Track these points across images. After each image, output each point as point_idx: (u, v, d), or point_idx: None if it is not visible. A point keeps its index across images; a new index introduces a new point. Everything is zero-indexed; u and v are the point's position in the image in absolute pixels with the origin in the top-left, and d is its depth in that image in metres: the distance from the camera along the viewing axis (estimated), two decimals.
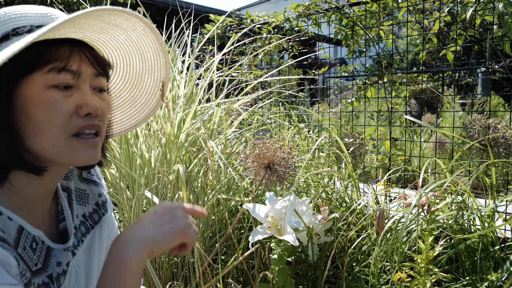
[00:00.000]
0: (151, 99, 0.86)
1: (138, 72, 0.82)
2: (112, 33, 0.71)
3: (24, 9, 0.64)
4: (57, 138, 0.63)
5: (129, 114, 0.87)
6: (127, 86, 0.84)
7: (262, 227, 1.37)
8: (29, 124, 0.62)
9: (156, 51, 0.77)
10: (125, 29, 0.70)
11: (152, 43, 0.75)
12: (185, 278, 1.69)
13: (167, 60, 0.79)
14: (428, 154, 3.71)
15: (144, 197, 1.63)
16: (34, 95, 0.61)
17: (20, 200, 0.65)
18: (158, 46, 0.76)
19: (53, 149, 0.63)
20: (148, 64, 0.80)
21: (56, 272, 0.69)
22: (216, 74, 2.02)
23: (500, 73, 4.64)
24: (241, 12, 3.78)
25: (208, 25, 2.93)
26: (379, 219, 1.36)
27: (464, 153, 2.01)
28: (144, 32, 0.72)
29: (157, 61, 0.79)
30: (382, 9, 2.35)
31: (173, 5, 2.53)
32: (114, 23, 0.68)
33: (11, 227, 0.62)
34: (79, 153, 0.65)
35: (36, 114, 0.61)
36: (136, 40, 0.74)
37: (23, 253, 0.62)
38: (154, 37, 0.74)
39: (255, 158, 1.43)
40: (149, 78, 0.82)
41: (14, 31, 0.62)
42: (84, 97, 0.65)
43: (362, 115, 3.78)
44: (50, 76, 0.62)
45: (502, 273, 1.28)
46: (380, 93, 2.50)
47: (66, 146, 0.64)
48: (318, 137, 2.45)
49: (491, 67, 3.28)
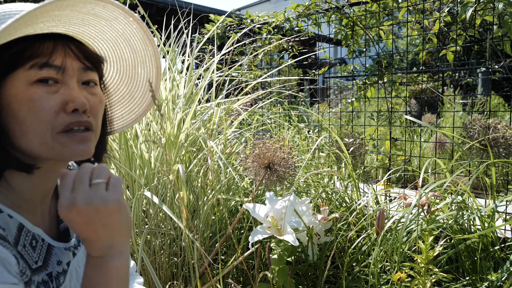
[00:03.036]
0: (147, 91, 0.83)
1: (130, 64, 0.80)
2: (95, 25, 0.68)
3: (25, 4, 0.63)
4: (43, 136, 0.61)
5: (129, 108, 0.86)
6: (123, 79, 0.82)
7: (262, 227, 1.36)
8: (16, 123, 0.61)
9: (142, 40, 0.74)
10: (107, 19, 0.68)
11: (137, 31, 0.72)
12: (185, 278, 1.69)
13: (154, 49, 0.76)
14: (428, 154, 3.71)
15: (144, 197, 1.63)
16: (17, 92, 0.60)
17: (19, 198, 0.65)
18: (143, 34, 0.73)
19: (41, 146, 0.62)
20: (138, 55, 0.77)
21: (56, 270, 0.68)
22: (216, 74, 2.02)
23: (500, 73, 4.64)
24: (241, 12, 3.78)
25: (208, 25, 2.93)
26: (379, 219, 1.36)
27: (464, 153, 2.01)
28: (126, 21, 0.69)
29: (146, 51, 0.77)
30: (382, 9, 2.35)
31: (172, 5, 2.53)
32: (93, 13, 0.65)
33: (12, 224, 0.61)
34: (69, 147, 0.63)
35: (21, 112, 0.60)
36: (122, 30, 0.72)
37: (23, 250, 0.62)
38: (137, 26, 0.71)
39: (255, 158, 1.42)
40: (142, 70, 0.80)
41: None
42: (70, 93, 0.63)
43: (362, 115, 3.78)
44: (33, 72, 0.60)
45: (502, 273, 1.27)
46: (380, 93, 2.50)
47: (53, 142, 0.62)
48: (318, 137, 2.45)
49: (491, 67, 3.28)
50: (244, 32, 2.62)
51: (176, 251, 1.71)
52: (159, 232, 1.67)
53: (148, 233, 1.65)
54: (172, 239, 1.71)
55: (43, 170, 0.66)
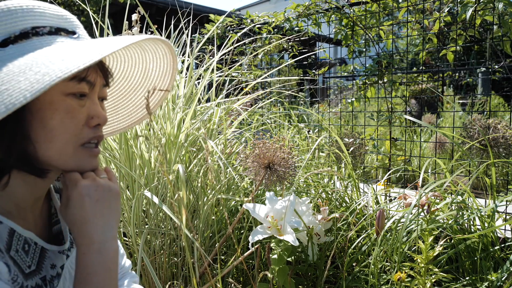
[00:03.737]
0: (135, 112, 0.88)
1: (133, 82, 0.84)
2: (129, 48, 0.74)
3: (41, 6, 0.63)
4: (66, 147, 0.63)
5: (114, 118, 0.89)
6: (113, 95, 0.86)
7: (262, 227, 1.36)
8: (43, 130, 0.61)
9: (163, 72, 0.80)
10: (145, 49, 0.74)
11: (165, 65, 0.78)
12: (185, 278, 1.69)
13: (173, 76, 0.81)
14: (428, 154, 3.71)
15: (144, 197, 1.63)
16: (53, 101, 0.61)
17: (10, 204, 0.65)
18: (169, 68, 0.79)
19: (60, 156, 0.64)
20: (149, 80, 0.82)
21: (50, 274, 0.68)
22: (216, 74, 2.02)
23: (500, 73, 4.64)
24: (241, 12, 3.78)
25: (208, 25, 2.93)
26: (379, 219, 1.36)
27: (464, 153, 2.01)
28: (161, 52, 0.75)
29: (163, 78, 0.82)
30: (382, 9, 2.35)
31: (172, 5, 2.53)
32: (139, 43, 0.71)
33: (2, 230, 0.61)
34: (83, 162, 0.66)
35: (53, 120, 0.61)
36: (151, 58, 0.77)
37: (16, 255, 0.62)
38: (171, 61, 0.77)
39: (255, 158, 1.42)
40: (141, 92, 0.85)
41: (34, 30, 0.60)
42: (95, 108, 0.66)
43: (362, 115, 3.78)
44: (71, 84, 0.62)
45: (502, 273, 1.27)
46: (380, 93, 2.50)
47: (73, 155, 0.65)
48: (318, 137, 2.45)
49: (491, 67, 3.27)
50: (244, 32, 2.62)
51: (176, 251, 1.71)
52: (159, 232, 1.67)
53: (148, 233, 1.65)
54: (172, 239, 1.71)
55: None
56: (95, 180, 0.67)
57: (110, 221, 0.68)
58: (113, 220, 0.68)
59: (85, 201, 0.65)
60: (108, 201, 0.68)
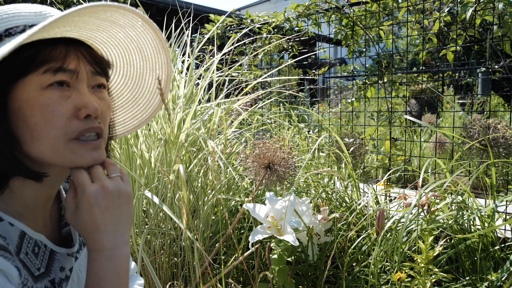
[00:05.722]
0: (153, 98, 0.83)
1: (139, 70, 0.79)
2: (109, 30, 0.68)
3: (17, 8, 0.62)
4: (55, 142, 0.61)
5: (132, 114, 0.85)
6: (128, 85, 0.82)
7: (262, 227, 1.37)
8: (26, 129, 0.60)
9: (156, 48, 0.74)
10: (122, 26, 0.67)
11: (152, 39, 0.72)
12: (185, 278, 1.69)
13: (168, 57, 0.76)
14: (428, 154, 3.71)
15: (144, 197, 1.63)
16: (29, 97, 0.59)
17: (21, 206, 0.64)
18: (158, 42, 0.73)
19: (52, 153, 0.61)
20: (149, 62, 0.77)
21: (58, 277, 0.68)
22: (216, 74, 2.02)
23: (500, 73, 4.64)
24: (241, 12, 3.78)
25: (208, 25, 2.93)
26: (379, 219, 1.36)
27: (464, 153, 2.01)
28: (143, 29, 0.69)
29: (157, 59, 0.76)
30: (382, 9, 2.35)
31: (173, 5, 2.53)
32: (110, 20, 0.65)
33: (13, 233, 0.61)
34: (81, 155, 0.63)
35: (34, 117, 0.59)
36: (135, 37, 0.71)
37: (25, 258, 0.62)
38: (154, 34, 0.70)
39: (255, 158, 1.42)
40: (150, 76, 0.80)
41: (6, 31, 0.59)
42: (82, 98, 0.62)
43: (362, 115, 3.78)
44: (46, 76, 0.60)
45: (502, 273, 1.27)
46: (380, 93, 2.50)
47: (65, 150, 0.62)
48: (318, 137, 2.45)
49: (491, 67, 3.27)
50: (244, 32, 2.62)
51: (176, 251, 1.71)
52: (159, 232, 1.68)
53: (148, 233, 1.65)
54: (172, 239, 1.71)
55: (49, 177, 0.65)
56: (103, 185, 0.64)
57: (122, 227, 0.66)
58: (124, 225, 0.66)
59: (94, 210, 0.63)
60: (119, 208, 0.65)
